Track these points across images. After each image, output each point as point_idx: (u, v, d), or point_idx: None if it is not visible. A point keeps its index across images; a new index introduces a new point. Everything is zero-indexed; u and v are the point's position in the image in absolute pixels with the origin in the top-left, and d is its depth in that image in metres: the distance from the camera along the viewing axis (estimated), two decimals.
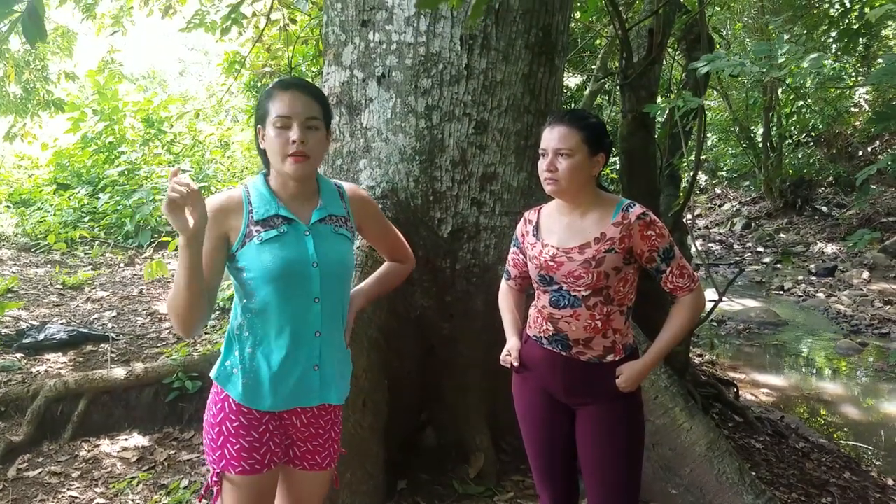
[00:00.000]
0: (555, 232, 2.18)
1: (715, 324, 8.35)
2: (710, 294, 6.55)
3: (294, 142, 1.76)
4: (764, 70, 2.94)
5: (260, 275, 1.78)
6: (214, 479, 1.82)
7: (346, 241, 1.94)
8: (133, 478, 3.36)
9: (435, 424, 3.59)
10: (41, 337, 4.76)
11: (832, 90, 12.90)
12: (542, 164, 2.10)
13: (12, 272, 6.94)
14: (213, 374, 1.87)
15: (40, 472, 3.45)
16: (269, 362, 1.81)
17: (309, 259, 1.82)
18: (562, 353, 2.15)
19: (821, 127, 14.97)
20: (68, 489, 3.31)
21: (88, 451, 3.65)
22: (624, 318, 2.15)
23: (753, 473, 3.29)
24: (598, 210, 2.12)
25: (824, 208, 14.26)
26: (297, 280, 1.80)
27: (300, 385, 1.85)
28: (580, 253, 2.08)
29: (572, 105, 12.28)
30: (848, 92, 13.40)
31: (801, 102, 14.27)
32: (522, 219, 2.33)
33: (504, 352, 2.32)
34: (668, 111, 4.45)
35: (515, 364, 2.27)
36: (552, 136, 2.07)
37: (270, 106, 1.79)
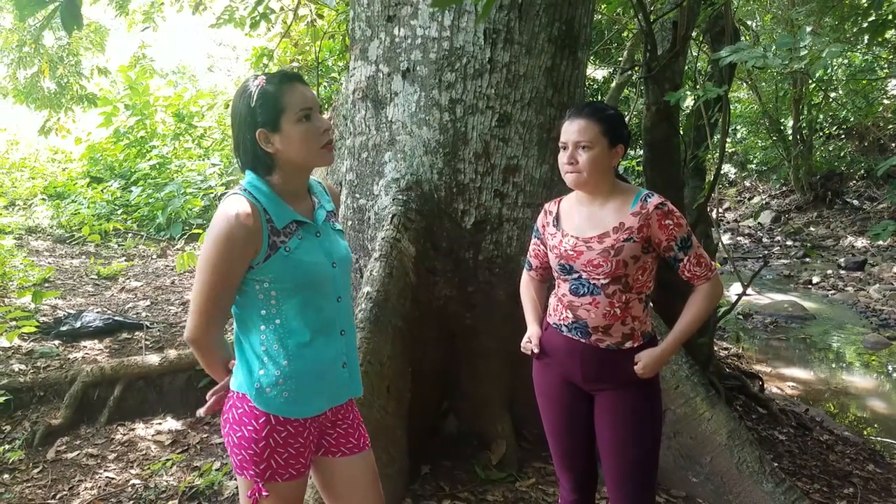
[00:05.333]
0: (575, 222, 2.23)
1: (741, 317, 8.31)
2: (737, 287, 6.53)
3: (326, 130, 1.76)
4: (786, 62, 2.95)
5: (291, 285, 1.74)
6: (265, 493, 1.77)
7: (343, 235, 1.95)
8: (167, 460, 3.47)
9: (456, 412, 3.65)
10: (78, 325, 4.91)
11: (864, 81, 12.68)
12: (563, 157, 2.15)
13: (49, 263, 7.14)
14: (239, 389, 1.80)
15: (78, 454, 3.58)
16: (307, 370, 1.79)
17: (328, 259, 1.81)
18: (581, 340, 2.20)
19: (852, 119, 14.73)
20: (105, 470, 3.43)
21: (124, 435, 3.78)
22: (642, 305, 2.20)
23: (775, 463, 3.31)
24: (617, 200, 2.17)
25: (855, 202, 14.06)
26: (323, 283, 1.80)
27: (333, 385, 1.87)
28: (599, 242, 2.13)
29: (599, 97, 12.24)
30: (880, 83, 13.17)
31: (832, 94, 14.05)
32: (543, 210, 2.38)
33: (524, 339, 2.38)
34: (693, 103, 4.45)
35: (535, 351, 2.33)
36: (572, 129, 2.12)
37: (286, 102, 1.71)
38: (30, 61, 9.40)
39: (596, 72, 13.07)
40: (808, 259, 11.69)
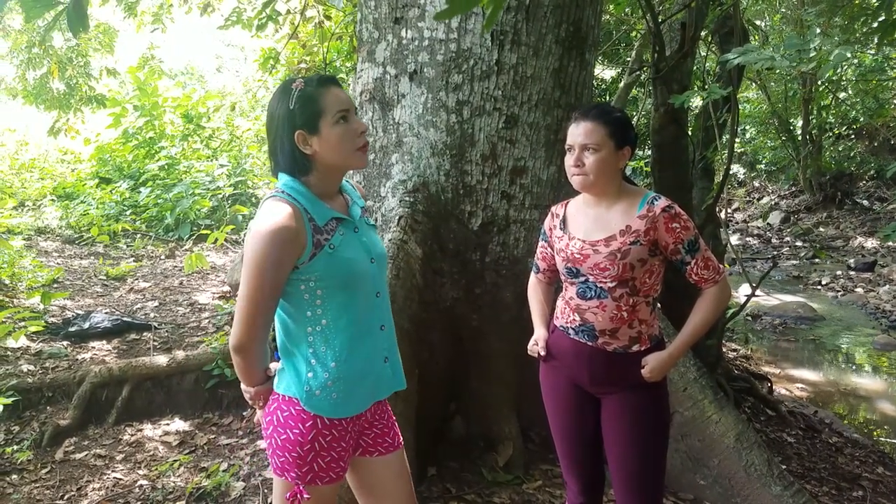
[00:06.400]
0: (581, 225, 2.22)
1: (750, 318, 8.27)
2: (746, 289, 6.50)
3: (363, 132, 1.78)
4: (794, 64, 2.94)
5: (336, 282, 1.75)
6: (306, 496, 1.77)
7: (376, 230, 1.97)
8: (174, 461, 3.48)
9: (463, 414, 3.65)
10: (86, 325, 4.93)
11: (874, 82, 12.61)
12: (570, 160, 2.15)
13: (57, 263, 7.17)
14: (286, 392, 1.79)
15: (86, 455, 3.59)
16: (354, 370, 1.79)
17: (367, 255, 1.82)
18: (588, 343, 2.20)
19: (861, 119, 14.66)
20: (113, 471, 3.44)
21: (132, 435, 3.79)
22: (650, 308, 2.19)
23: (783, 466, 3.30)
24: (623, 203, 2.16)
25: (865, 202, 13.98)
26: (364, 279, 1.80)
27: (377, 381, 1.87)
28: (606, 245, 2.12)
29: (607, 98, 12.22)
30: (891, 84, 13.09)
31: (841, 94, 13.97)
32: (550, 213, 2.38)
33: (531, 341, 2.38)
34: (702, 104, 4.44)
35: (542, 353, 2.33)
36: (578, 132, 2.12)
37: (324, 104, 1.73)
38: (39, 62, 9.47)
39: (604, 72, 13.06)
40: (817, 260, 11.63)
